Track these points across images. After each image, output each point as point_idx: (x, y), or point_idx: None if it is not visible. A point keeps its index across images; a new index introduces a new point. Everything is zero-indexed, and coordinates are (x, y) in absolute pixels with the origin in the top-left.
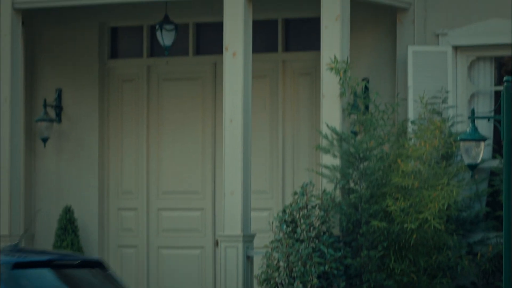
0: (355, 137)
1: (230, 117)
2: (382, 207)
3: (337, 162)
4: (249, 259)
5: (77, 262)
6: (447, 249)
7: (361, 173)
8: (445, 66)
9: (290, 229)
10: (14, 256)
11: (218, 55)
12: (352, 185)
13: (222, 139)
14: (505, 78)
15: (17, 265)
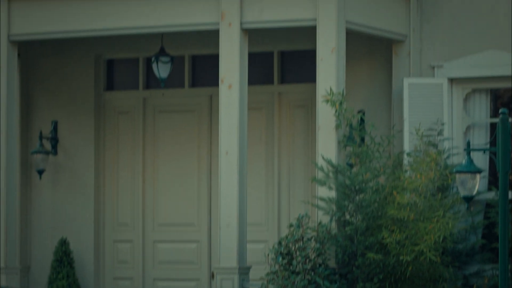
0: (350, 169)
1: (226, 149)
2: (377, 239)
3: (332, 194)
4: None
5: None
6: (443, 281)
7: (356, 205)
8: (440, 98)
9: (285, 261)
10: None
11: (214, 87)
12: (347, 217)
13: (218, 171)
14: (500, 110)
15: None
